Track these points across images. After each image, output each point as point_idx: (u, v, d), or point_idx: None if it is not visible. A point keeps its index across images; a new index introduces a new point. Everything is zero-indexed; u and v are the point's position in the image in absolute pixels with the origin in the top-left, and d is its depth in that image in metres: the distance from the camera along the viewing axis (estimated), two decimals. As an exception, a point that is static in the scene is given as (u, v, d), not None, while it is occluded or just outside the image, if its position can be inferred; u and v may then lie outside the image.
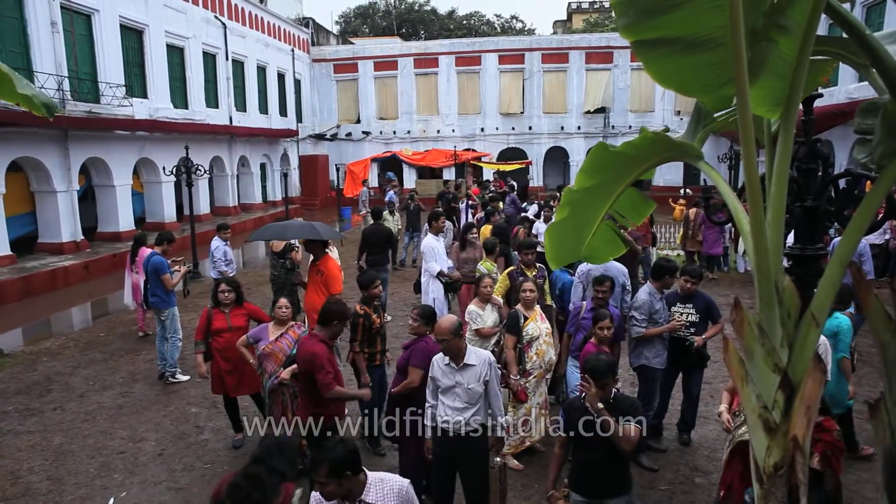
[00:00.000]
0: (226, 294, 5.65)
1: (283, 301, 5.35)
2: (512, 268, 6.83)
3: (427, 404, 4.23)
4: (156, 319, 7.84)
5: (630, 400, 3.65)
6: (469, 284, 8.14)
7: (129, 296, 9.41)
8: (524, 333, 5.30)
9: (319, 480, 2.66)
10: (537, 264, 6.80)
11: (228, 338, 5.52)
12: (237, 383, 5.66)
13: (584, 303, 5.69)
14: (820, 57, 2.09)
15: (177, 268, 8.05)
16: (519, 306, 5.50)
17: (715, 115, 2.15)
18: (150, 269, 7.62)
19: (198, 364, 5.67)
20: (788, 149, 1.74)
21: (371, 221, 10.84)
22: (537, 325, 5.37)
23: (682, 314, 5.54)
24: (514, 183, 25.07)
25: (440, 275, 8.06)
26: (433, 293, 8.09)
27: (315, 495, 2.85)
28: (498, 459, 4.21)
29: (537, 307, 5.58)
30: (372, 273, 5.94)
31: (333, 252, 7.55)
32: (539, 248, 9.85)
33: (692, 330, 5.49)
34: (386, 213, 13.56)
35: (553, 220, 2.37)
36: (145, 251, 8.57)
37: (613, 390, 3.62)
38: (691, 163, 2.13)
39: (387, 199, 18.53)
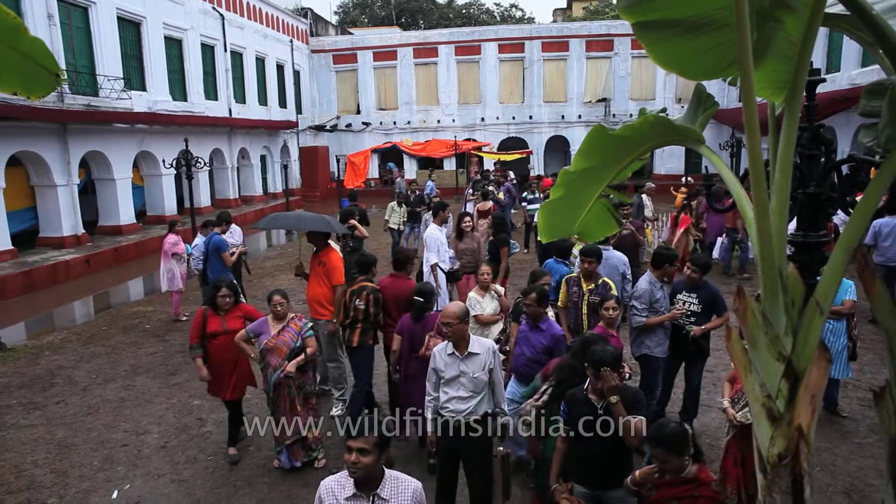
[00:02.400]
0: (226, 299, 5.38)
1: (276, 298, 5.26)
2: (572, 274, 6.26)
3: (428, 397, 4.18)
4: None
5: (633, 391, 3.61)
6: (468, 274, 8.11)
7: (164, 282, 9.65)
8: None
9: (365, 448, 2.61)
10: (601, 278, 5.86)
11: (224, 340, 5.30)
12: (235, 385, 5.46)
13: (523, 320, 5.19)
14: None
15: (234, 248, 8.72)
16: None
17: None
18: (212, 248, 8.23)
19: (198, 368, 5.40)
20: (793, 133, 1.70)
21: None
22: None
23: (684, 303, 5.49)
24: (512, 172, 25.02)
25: (433, 266, 8.07)
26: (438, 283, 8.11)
27: (328, 483, 2.83)
28: (501, 448, 4.21)
29: None
30: (372, 256, 6.23)
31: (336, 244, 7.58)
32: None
33: (692, 319, 5.45)
34: (393, 205, 13.60)
35: (548, 199, 2.34)
36: (169, 238, 9.44)
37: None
38: (692, 147, 2.09)
39: (427, 191, 18.44)
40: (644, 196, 12.03)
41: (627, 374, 3.79)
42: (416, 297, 5.13)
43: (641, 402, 3.56)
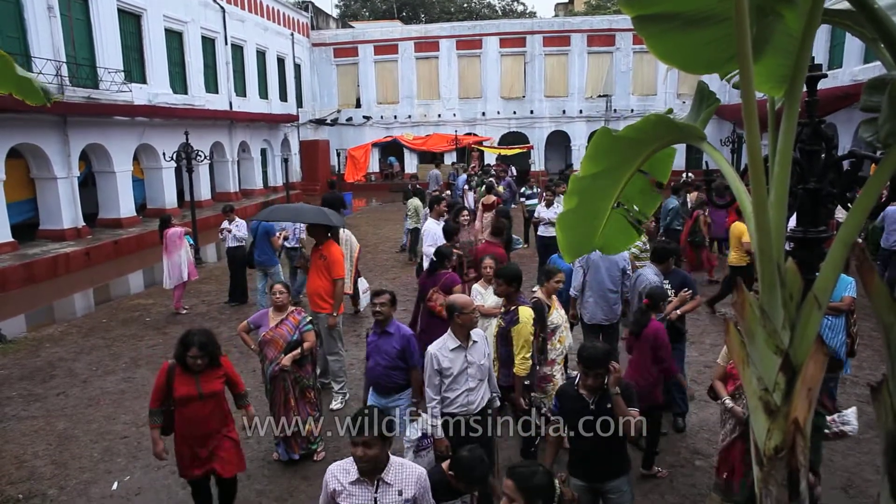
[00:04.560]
0: (196, 361, 4.01)
1: (278, 287, 5.27)
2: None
3: (431, 402, 4.09)
4: (258, 276, 9.34)
5: (624, 383, 3.63)
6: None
7: (167, 279, 9.66)
8: (549, 323, 5.13)
9: (368, 441, 2.72)
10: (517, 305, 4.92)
11: (198, 409, 4.05)
12: (208, 460, 4.15)
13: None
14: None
15: (279, 233, 9.38)
16: (539, 293, 5.28)
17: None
18: (261, 232, 9.02)
19: (153, 441, 4.15)
20: (792, 127, 1.71)
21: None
22: (560, 314, 5.25)
23: None
24: (513, 167, 25.02)
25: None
26: None
27: (334, 468, 2.89)
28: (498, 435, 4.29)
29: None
30: (456, 225, 7.63)
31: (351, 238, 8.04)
32: (543, 232, 9.94)
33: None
34: (414, 202, 13.05)
35: (562, 210, 2.32)
36: (169, 231, 9.54)
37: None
38: (694, 144, 2.10)
39: (460, 184, 18.07)
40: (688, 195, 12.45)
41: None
42: (432, 257, 6.26)
43: (633, 393, 3.61)
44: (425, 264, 8.36)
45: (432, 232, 8.34)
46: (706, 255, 10.98)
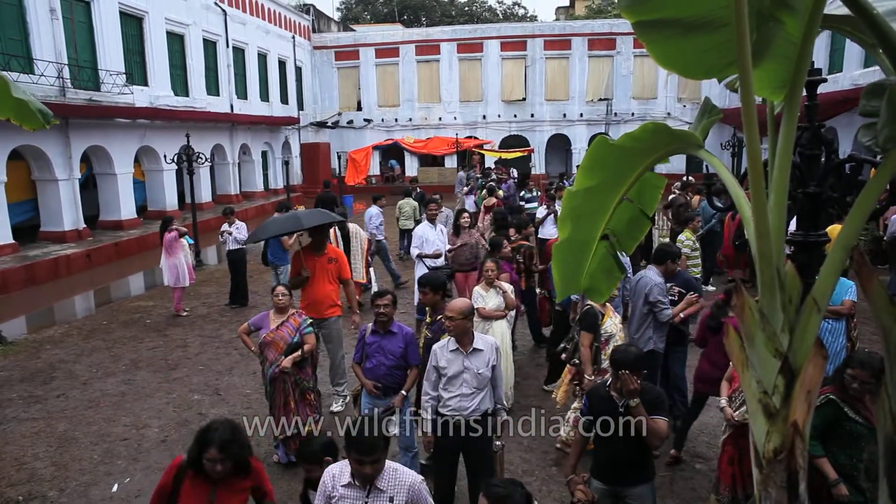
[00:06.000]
0: (216, 466, 2.95)
1: (279, 288, 5.27)
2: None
3: (426, 396, 4.12)
4: (272, 274, 9.87)
5: (655, 391, 3.56)
6: (463, 272, 8.07)
7: (169, 278, 9.77)
8: (602, 332, 5.07)
9: (379, 459, 2.70)
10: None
11: None
12: None
13: (369, 325, 4.80)
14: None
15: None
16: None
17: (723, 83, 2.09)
18: None
19: None
20: (792, 131, 1.72)
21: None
22: (613, 322, 5.17)
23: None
24: (515, 170, 25.03)
25: (419, 256, 8.13)
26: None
27: (332, 469, 2.88)
28: (498, 443, 4.24)
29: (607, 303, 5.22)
30: (526, 219, 8.42)
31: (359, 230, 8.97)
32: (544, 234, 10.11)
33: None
34: (409, 202, 13.38)
35: (557, 239, 2.27)
36: (167, 236, 9.60)
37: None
38: (693, 153, 2.10)
39: (474, 181, 18.03)
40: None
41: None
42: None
43: (664, 402, 3.54)
44: (416, 264, 8.39)
45: (419, 234, 8.38)
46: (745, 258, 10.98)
